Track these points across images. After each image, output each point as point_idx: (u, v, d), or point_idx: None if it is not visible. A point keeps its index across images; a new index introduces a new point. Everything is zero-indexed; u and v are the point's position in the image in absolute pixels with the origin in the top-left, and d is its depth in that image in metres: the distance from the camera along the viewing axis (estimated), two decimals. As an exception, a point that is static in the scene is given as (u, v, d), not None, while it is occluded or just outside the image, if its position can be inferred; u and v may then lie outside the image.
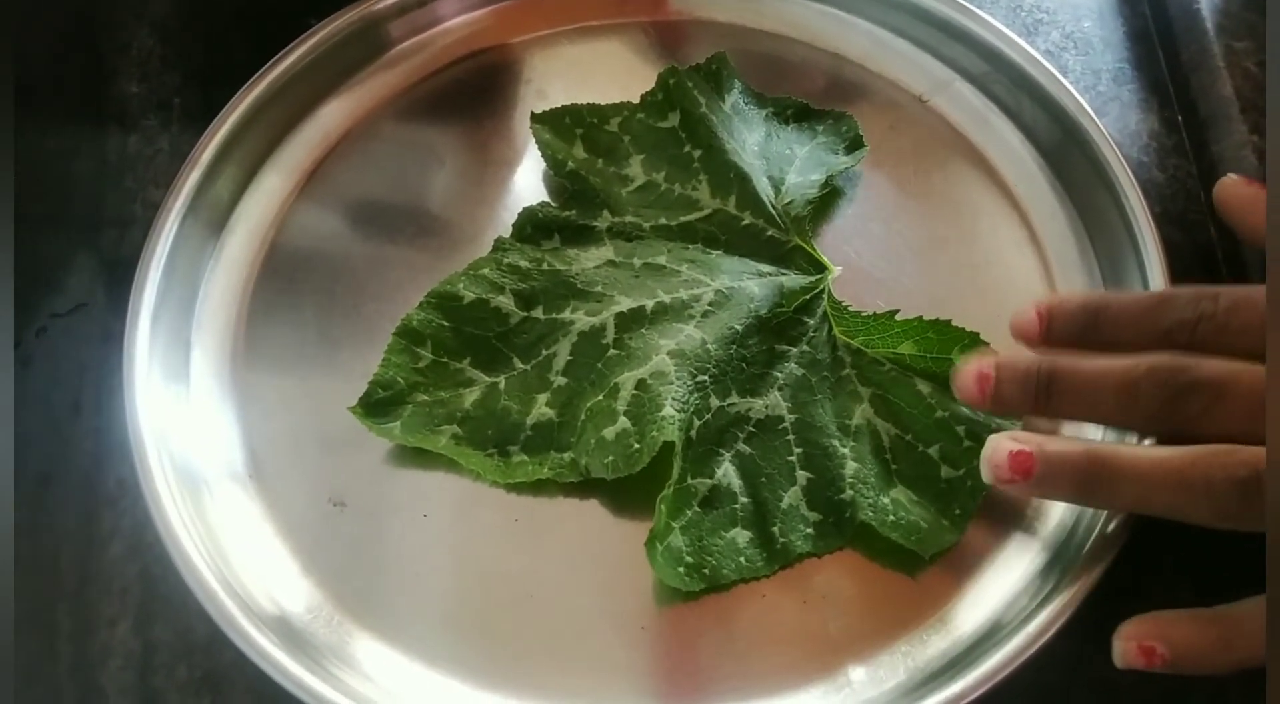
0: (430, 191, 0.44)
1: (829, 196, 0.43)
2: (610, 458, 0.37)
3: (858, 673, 0.35)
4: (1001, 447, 0.33)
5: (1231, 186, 0.39)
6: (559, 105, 0.44)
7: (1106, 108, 0.46)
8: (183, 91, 0.47)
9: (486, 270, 0.41)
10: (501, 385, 0.39)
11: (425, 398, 0.39)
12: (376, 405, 0.39)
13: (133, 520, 0.38)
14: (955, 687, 0.33)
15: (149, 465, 0.37)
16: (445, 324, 0.40)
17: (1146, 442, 0.36)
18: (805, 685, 0.35)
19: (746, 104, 0.45)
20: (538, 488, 0.38)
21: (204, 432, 0.39)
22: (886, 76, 0.47)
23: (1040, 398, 0.34)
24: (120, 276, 0.41)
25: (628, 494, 0.37)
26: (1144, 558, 0.34)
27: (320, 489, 0.38)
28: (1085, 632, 0.34)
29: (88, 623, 0.37)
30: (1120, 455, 0.32)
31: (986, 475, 0.33)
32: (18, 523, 0.38)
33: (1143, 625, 0.32)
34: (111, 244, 0.43)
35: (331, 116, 0.46)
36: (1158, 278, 0.39)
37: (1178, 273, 0.39)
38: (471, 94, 0.46)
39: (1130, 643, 0.32)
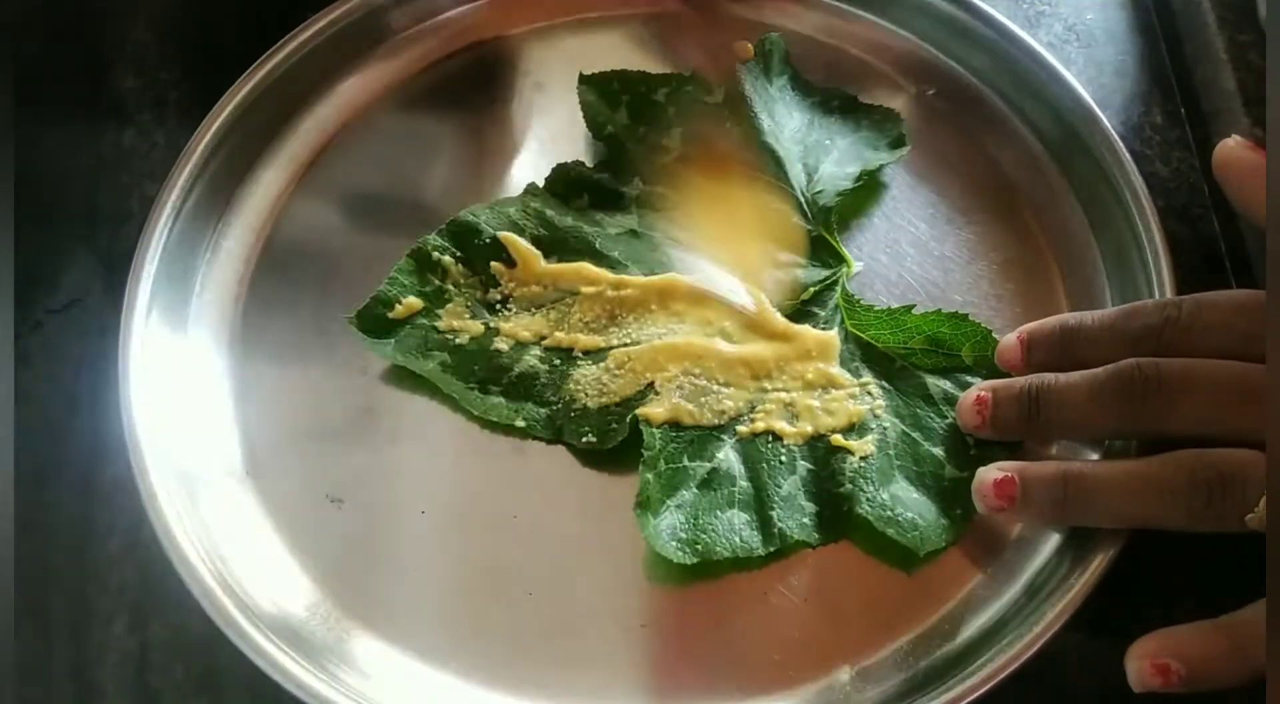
0: (428, 184, 0.44)
1: (867, 192, 0.43)
2: (586, 429, 0.38)
3: (858, 672, 0.35)
4: (987, 475, 0.34)
5: (1232, 150, 0.37)
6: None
7: (1109, 101, 0.46)
8: (179, 85, 0.47)
9: (511, 210, 0.41)
10: (498, 328, 0.40)
11: (424, 322, 0.40)
12: (375, 320, 0.39)
13: (129, 518, 0.38)
14: (957, 687, 0.33)
15: (145, 462, 0.36)
16: (459, 254, 0.40)
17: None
18: (805, 684, 0.35)
19: (794, 89, 0.45)
20: (538, 482, 0.38)
21: (201, 427, 0.39)
22: (890, 70, 0.46)
23: (1031, 416, 0.35)
24: (116, 272, 0.41)
25: (629, 492, 0.37)
26: (1147, 554, 0.34)
27: (318, 485, 0.38)
28: (1088, 627, 0.33)
29: (84, 621, 0.37)
30: (1092, 469, 0.34)
31: (978, 506, 0.35)
32: (14, 519, 0.37)
33: (1153, 643, 0.32)
34: (107, 239, 0.43)
35: (328, 109, 0.45)
36: (1162, 273, 0.39)
37: (1181, 267, 0.39)
38: (470, 86, 0.46)
39: (1144, 662, 0.32)
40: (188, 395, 0.39)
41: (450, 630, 0.36)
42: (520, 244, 0.40)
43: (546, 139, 0.45)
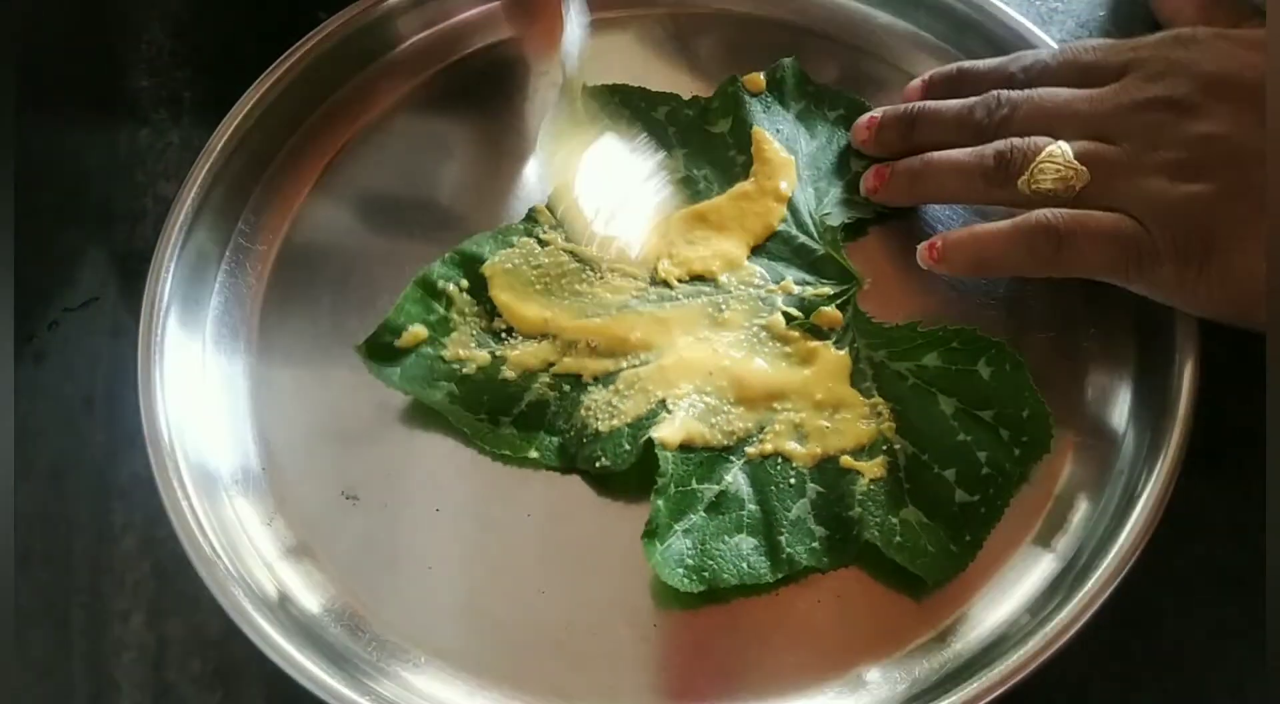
0: (443, 185, 0.44)
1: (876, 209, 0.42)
2: (599, 453, 0.37)
3: (872, 674, 0.35)
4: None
5: None
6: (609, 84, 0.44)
7: (1122, 100, 0.46)
8: (193, 85, 0.47)
9: (514, 239, 0.41)
10: (505, 356, 0.39)
11: (430, 351, 0.39)
12: (382, 348, 0.39)
13: (145, 514, 0.38)
14: (971, 687, 0.33)
15: (162, 459, 0.37)
16: (463, 283, 0.40)
17: None
18: (819, 685, 0.35)
19: (815, 108, 0.44)
20: (551, 481, 0.38)
21: (217, 425, 0.39)
22: (905, 70, 0.46)
23: (906, 133, 0.41)
24: (131, 270, 0.41)
25: (642, 492, 0.37)
26: (1154, 563, 0.34)
27: (333, 483, 0.38)
28: (1103, 624, 0.33)
29: (101, 616, 0.37)
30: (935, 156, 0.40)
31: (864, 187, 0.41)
32: (31, 516, 0.38)
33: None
34: (122, 238, 0.43)
35: (345, 111, 0.45)
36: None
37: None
38: (484, 87, 0.46)
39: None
40: (205, 393, 0.39)
41: (462, 628, 0.36)
42: (499, 294, 0.40)
43: (561, 139, 0.45)
